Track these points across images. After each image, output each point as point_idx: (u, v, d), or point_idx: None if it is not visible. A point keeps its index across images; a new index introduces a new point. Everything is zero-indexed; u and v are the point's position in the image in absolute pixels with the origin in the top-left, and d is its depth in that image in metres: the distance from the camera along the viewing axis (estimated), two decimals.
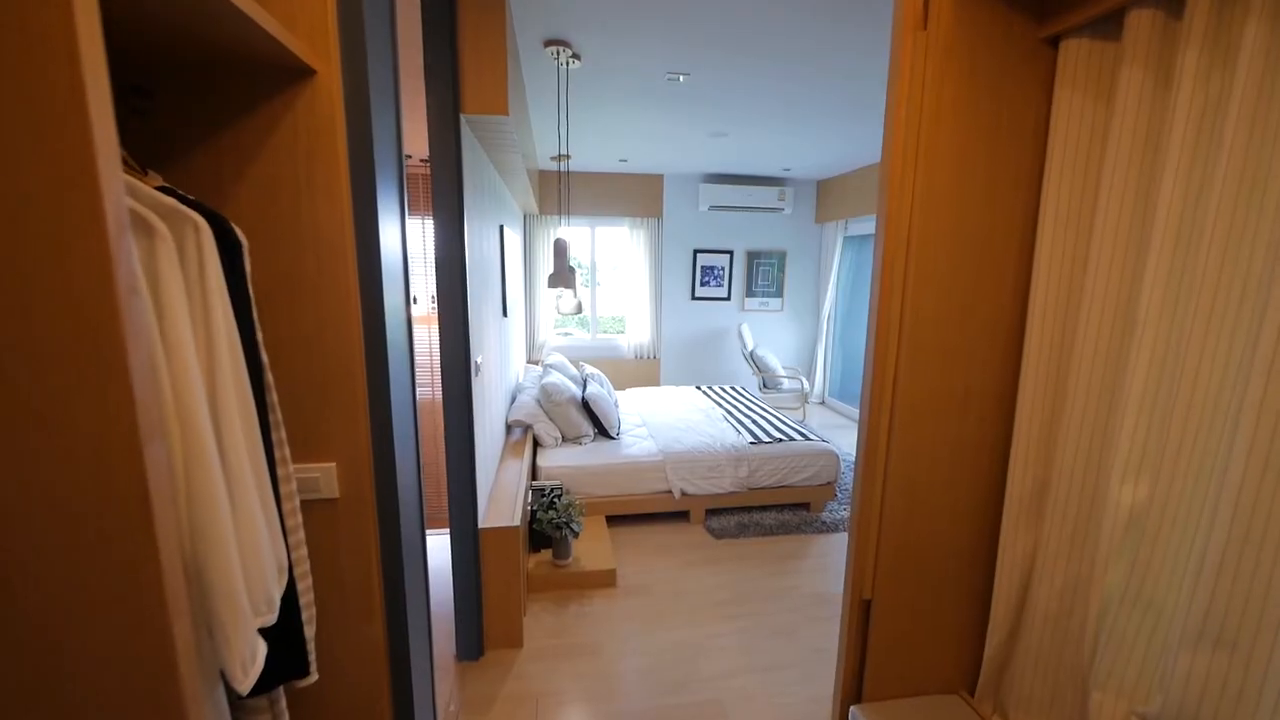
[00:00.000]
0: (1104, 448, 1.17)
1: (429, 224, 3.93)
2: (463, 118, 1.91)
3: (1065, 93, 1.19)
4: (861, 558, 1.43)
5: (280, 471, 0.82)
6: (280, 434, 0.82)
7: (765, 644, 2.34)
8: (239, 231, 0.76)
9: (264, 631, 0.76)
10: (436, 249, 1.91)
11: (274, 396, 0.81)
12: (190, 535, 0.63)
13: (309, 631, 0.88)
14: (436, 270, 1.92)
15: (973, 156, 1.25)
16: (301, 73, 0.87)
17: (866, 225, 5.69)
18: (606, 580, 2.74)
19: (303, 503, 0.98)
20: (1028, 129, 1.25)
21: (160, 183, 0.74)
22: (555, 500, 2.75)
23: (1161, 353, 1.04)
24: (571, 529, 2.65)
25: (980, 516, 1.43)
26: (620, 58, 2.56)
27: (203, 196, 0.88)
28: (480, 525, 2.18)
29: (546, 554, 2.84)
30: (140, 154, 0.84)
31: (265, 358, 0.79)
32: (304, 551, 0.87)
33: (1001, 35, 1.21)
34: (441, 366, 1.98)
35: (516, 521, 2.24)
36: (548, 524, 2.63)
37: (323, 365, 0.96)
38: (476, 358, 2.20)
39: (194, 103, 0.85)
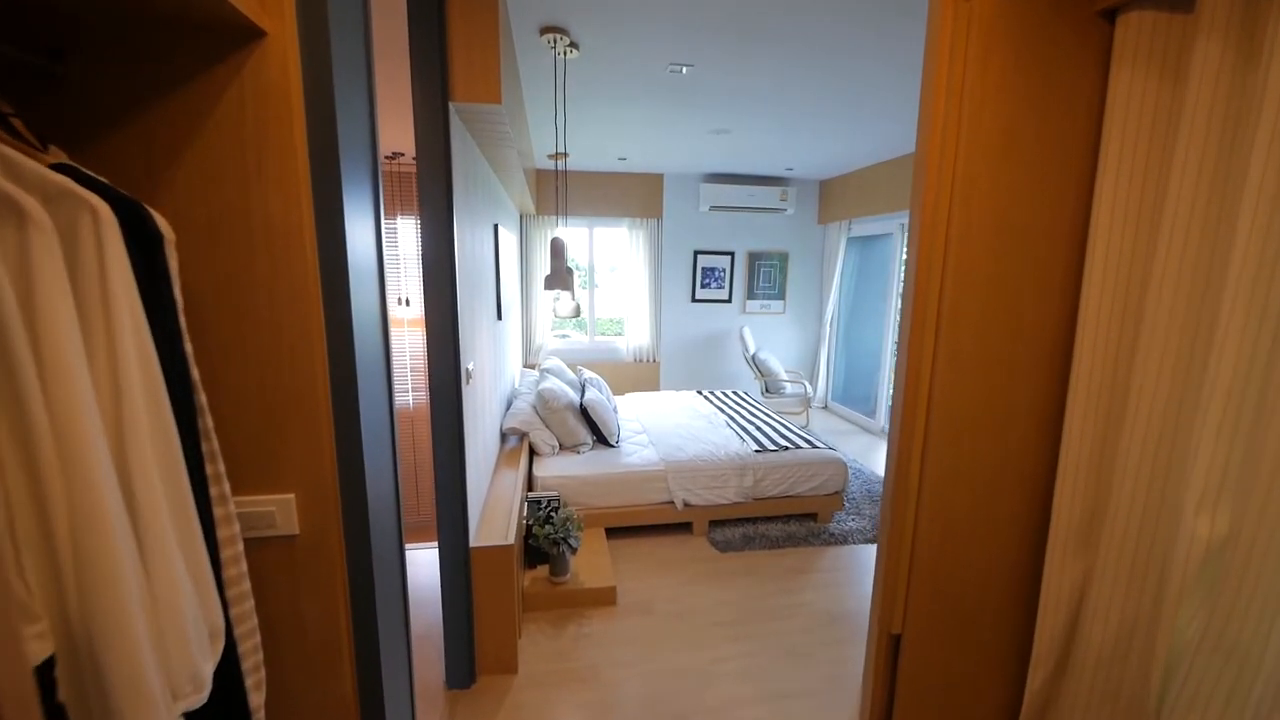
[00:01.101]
0: (1175, 470, 1.03)
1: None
2: (452, 107, 1.78)
3: (1124, 72, 1.06)
4: (890, 589, 1.29)
5: (217, 512, 0.68)
6: (217, 466, 0.68)
7: (776, 669, 2.20)
8: (159, 220, 0.62)
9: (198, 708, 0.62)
10: (423, 248, 1.77)
11: (208, 421, 0.67)
12: (80, 612, 0.49)
13: (256, 700, 0.73)
14: (423, 271, 1.78)
15: (1019, 142, 1.12)
16: (248, 33, 0.73)
17: (870, 226, 5.58)
18: (606, 598, 2.60)
19: (256, 541, 0.84)
20: (1080, 111, 1.12)
21: (61, 159, 0.60)
22: (552, 514, 2.61)
23: (1248, 360, 0.90)
24: (569, 544, 2.51)
25: (1021, 543, 1.30)
26: (620, 47, 2.43)
27: (132, 182, 0.74)
28: (472, 544, 2.04)
29: (543, 570, 2.69)
30: (52, 128, 0.70)
31: (196, 374, 0.65)
32: (249, 605, 0.73)
33: (1051, 6, 1.08)
34: (430, 375, 1.84)
35: (510, 540, 2.09)
36: (544, 539, 2.49)
37: (278, 381, 0.82)
38: (468, 364, 2.06)
39: (117, 69, 0.72)
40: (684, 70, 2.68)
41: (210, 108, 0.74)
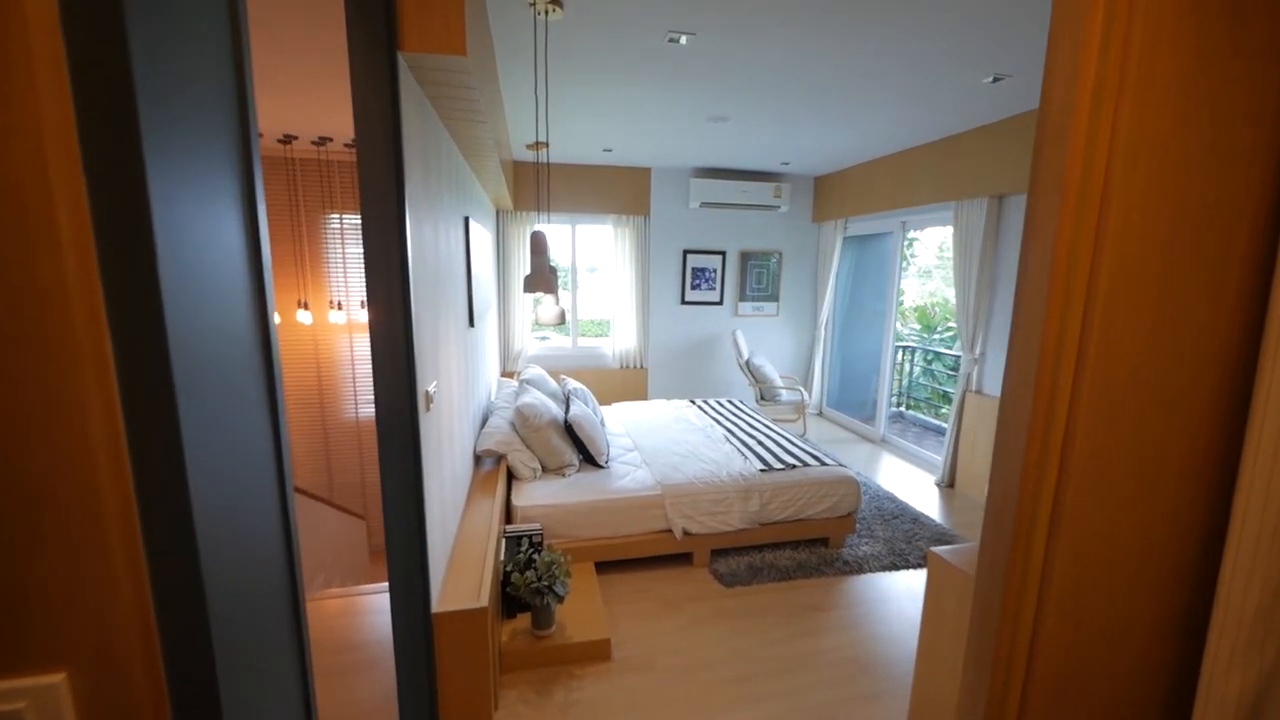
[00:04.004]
0: None
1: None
2: (402, 60, 1.40)
3: None
4: (999, 691, 0.95)
5: None
6: None
7: None
8: None
9: None
10: (365, 242, 1.39)
11: None
12: None
13: None
14: (366, 272, 1.40)
15: (1206, 84, 0.78)
16: None
17: (867, 225, 5.30)
18: (599, 653, 2.23)
19: None
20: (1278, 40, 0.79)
21: None
22: (534, 556, 2.23)
23: None
24: (555, 593, 2.14)
25: (1173, 634, 0.97)
26: (612, 7, 2.07)
27: None
28: (435, 608, 1.65)
29: (524, 620, 2.31)
30: None
31: None
32: None
33: None
34: (376, 405, 1.46)
35: (484, 600, 1.71)
36: (525, 589, 2.11)
37: (9, 460, 0.44)
38: (427, 387, 1.68)
39: None
40: (683, 39, 2.33)
41: None
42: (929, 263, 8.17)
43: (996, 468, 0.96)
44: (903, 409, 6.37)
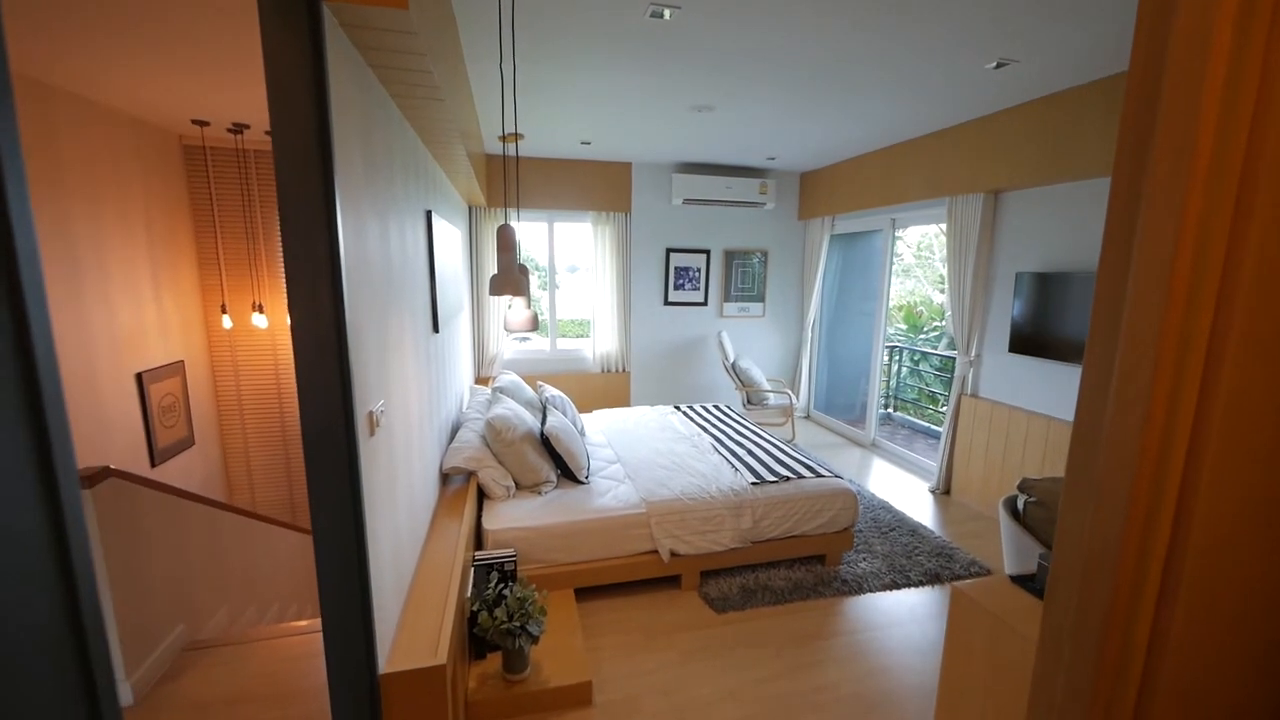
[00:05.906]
0: None
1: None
2: (328, 14, 1.15)
3: None
4: None
5: None
6: None
7: None
8: None
9: None
10: (284, 240, 1.13)
11: None
12: None
13: None
14: (287, 278, 1.15)
15: None
16: None
17: (855, 222, 5.14)
18: (579, 697, 1.99)
19: None
20: None
21: None
22: (504, 591, 1.99)
23: None
24: (529, 633, 1.90)
25: None
26: None
27: None
28: (383, 668, 1.40)
29: (494, 661, 2.07)
30: None
31: None
32: None
33: None
34: (303, 433, 1.20)
35: (442, 656, 1.47)
36: (494, 630, 1.86)
37: None
38: (372, 407, 1.43)
39: None
40: (667, 14, 2.10)
41: None
42: (908, 261, 8.09)
43: (1072, 514, 0.75)
44: (891, 410, 6.25)
